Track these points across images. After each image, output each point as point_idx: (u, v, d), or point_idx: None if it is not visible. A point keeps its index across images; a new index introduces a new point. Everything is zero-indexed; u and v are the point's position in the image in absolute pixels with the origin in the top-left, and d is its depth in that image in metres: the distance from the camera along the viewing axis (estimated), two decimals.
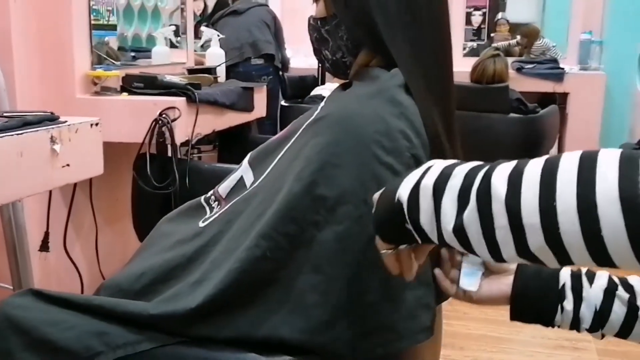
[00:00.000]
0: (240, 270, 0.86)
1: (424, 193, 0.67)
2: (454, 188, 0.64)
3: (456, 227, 0.63)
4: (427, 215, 0.67)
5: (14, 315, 0.91)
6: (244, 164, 1.04)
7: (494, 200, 0.60)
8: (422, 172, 0.69)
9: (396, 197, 0.70)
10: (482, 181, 0.61)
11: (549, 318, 0.83)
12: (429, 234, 0.67)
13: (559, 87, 4.29)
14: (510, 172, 0.60)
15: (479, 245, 0.62)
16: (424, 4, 0.93)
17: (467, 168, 0.65)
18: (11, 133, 1.20)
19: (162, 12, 2.38)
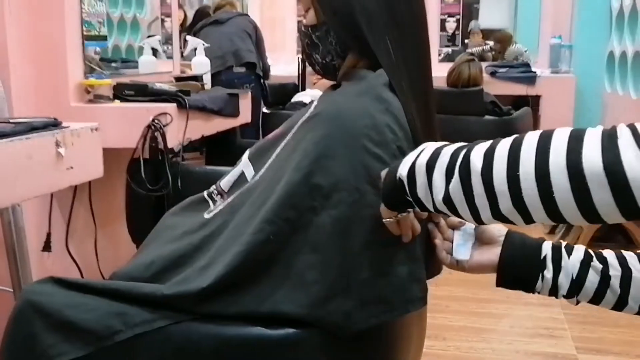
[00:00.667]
0: (246, 253, 0.95)
1: (419, 170, 0.82)
2: (442, 165, 0.79)
3: (445, 196, 0.78)
4: (422, 188, 0.82)
5: (37, 300, 0.99)
6: (243, 159, 1.13)
7: (472, 173, 0.74)
8: (417, 153, 0.84)
9: (397, 174, 0.85)
10: (464, 158, 0.76)
11: (531, 285, 0.94)
12: (425, 203, 0.83)
13: (531, 89, 4.45)
14: (485, 150, 0.74)
15: (463, 211, 0.77)
16: (404, 11, 1.04)
17: (453, 148, 0.80)
18: (20, 137, 1.28)
19: (140, 23, 2.45)
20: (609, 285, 0.92)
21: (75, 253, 2.08)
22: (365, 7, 1.02)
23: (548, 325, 2.55)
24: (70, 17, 1.98)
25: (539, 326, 2.55)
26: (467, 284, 2.82)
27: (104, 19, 2.19)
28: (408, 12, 1.05)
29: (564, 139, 0.67)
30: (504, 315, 2.67)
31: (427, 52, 1.09)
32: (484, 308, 2.73)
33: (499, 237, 0.98)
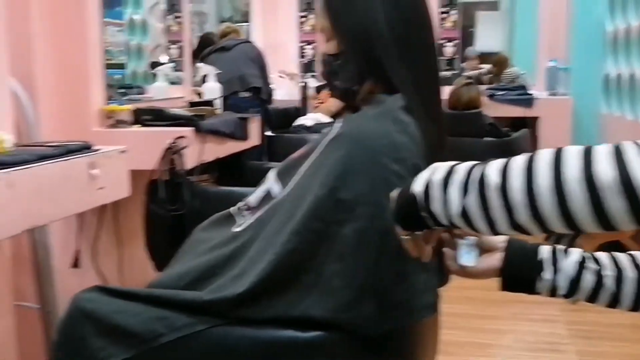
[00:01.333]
0: (277, 261, 1.04)
1: (434, 186, 0.88)
2: (457, 180, 0.85)
3: (461, 210, 0.84)
4: (438, 203, 0.87)
5: (85, 306, 1.08)
6: (270, 177, 1.23)
7: (489, 187, 0.80)
8: (431, 172, 0.90)
9: (410, 191, 0.91)
10: (479, 174, 0.82)
11: (532, 286, 1.02)
12: (440, 218, 0.88)
13: (529, 111, 4.57)
14: (500, 166, 0.81)
15: (479, 224, 0.83)
16: (418, 40, 1.15)
17: (467, 165, 0.86)
18: (60, 159, 1.37)
19: (144, 49, 2.56)
20: (603, 285, 1.01)
21: (102, 269, 2.17)
22: (382, 38, 1.12)
23: (552, 340, 2.63)
24: (93, 46, 2.09)
25: (543, 341, 2.63)
26: (472, 302, 2.90)
27: (124, 48, 2.30)
28: (421, 41, 1.15)
29: (577, 153, 0.75)
30: (508, 331, 2.75)
31: (437, 76, 1.20)
32: (489, 324, 2.81)
33: (500, 244, 1.07)
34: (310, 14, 5.59)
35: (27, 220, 1.27)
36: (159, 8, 2.88)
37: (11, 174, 1.20)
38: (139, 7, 2.44)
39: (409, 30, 1.13)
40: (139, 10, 2.43)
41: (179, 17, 3.54)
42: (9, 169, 1.20)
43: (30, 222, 1.28)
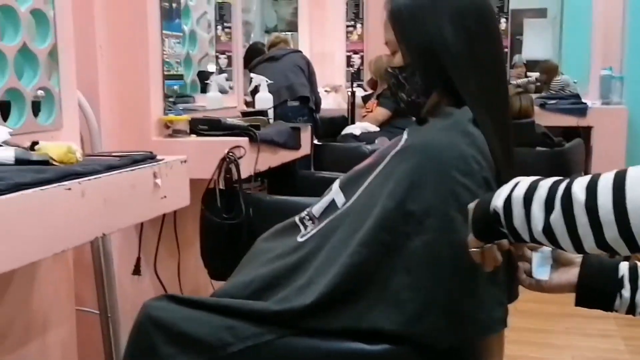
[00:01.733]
0: (345, 273, 1.05)
1: (515, 202, 0.88)
2: (540, 197, 0.85)
3: (545, 227, 0.84)
4: (519, 220, 0.87)
5: (155, 315, 1.11)
6: (334, 188, 1.24)
7: (575, 204, 0.80)
8: (512, 187, 0.90)
9: (491, 207, 0.91)
10: (564, 191, 0.82)
11: (609, 303, 1.00)
12: (522, 234, 0.88)
13: (582, 121, 4.48)
14: (587, 183, 0.80)
15: (563, 241, 0.83)
16: (485, 51, 1.14)
17: (550, 182, 0.86)
18: (126, 169, 1.41)
19: (193, 59, 2.59)
20: None
21: (161, 276, 2.21)
22: (450, 50, 1.12)
23: (610, 356, 2.57)
24: (153, 58, 2.13)
25: (601, 357, 2.57)
26: (526, 315, 2.85)
27: (182, 59, 2.34)
28: (488, 52, 1.15)
29: None
30: (565, 346, 2.70)
31: (505, 87, 1.19)
32: (544, 339, 2.75)
33: (576, 259, 1.05)
34: (357, 23, 5.60)
35: (97, 229, 1.30)
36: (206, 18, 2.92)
37: (83, 183, 1.23)
38: (188, 18, 2.48)
39: (476, 42, 1.13)
40: (187, 21, 2.48)
41: (227, 27, 3.60)
42: (81, 179, 1.23)
43: (100, 230, 1.31)
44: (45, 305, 1.69)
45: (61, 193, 1.17)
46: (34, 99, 1.58)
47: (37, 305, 1.66)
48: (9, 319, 1.57)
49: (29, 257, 1.12)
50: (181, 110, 2.39)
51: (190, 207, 1.86)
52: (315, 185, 3.05)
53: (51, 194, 1.15)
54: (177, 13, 2.28)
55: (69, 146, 1.33)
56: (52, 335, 1.72)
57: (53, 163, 1.28)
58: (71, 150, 1.32)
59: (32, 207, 1.10)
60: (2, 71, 1.47)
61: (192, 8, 2.54)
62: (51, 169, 1.22)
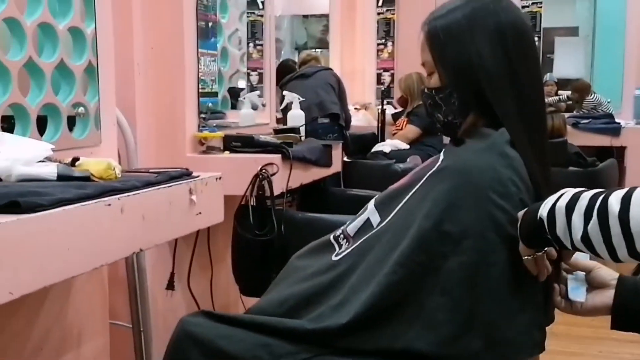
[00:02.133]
0: (381, 293, 1.05)
1: (559, 212, 0.93)
2: (581, 207, 0.90)
3: (583, 236, 0.89)
4: (561, 228, 0.93)
5: (192, 331, 1.12)
6: (369, 207, 1.24)
7: (610, 215, 0.85)
8: (557, 197, 0.95)
9: (538, 215, 0.96)
10: (602, 202, 0.87)
11: None
12: (564, 242, 0.93)
13: (615, 141, 4.43)
14: (622, 195, 0.85)
15: (600, 249, 0.88)
16: (523, 72, 1.14)
17: (591, 193, 0.91)
18: (164, 186, 1.43)
19: (224, 76, 2.63)
20: None
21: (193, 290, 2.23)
22: (488, 71, 1.12)
23: None
24: (190, 75, 2.17)
25: None
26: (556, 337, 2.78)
27: (216, 77, 2.38)
28: (526, 73, 1.15)
29: None
30: None
31: (543, 109, 1.19)
32: None
33: (611, 281, 1.05)
34: (388, 41, 5.62)
35: (135, 244, 1.32)
36: (237, 35, 2.97)
37: (122, 199, 1.26)
38: (220, 35, 2.52)
39: (514, 64, 1.13)
40: (220, 38, 2.52)
41: (259, 44, 3.64)
42: (121, 195, 1.26)
43: (138, 245, 1.33)
44: (80, 318, 1.71)
45: (101, 209, 1.20)
46: (73, 115, 1.62)
47: (72, 318, 1.69)
48: (45, 330, 1.60)
49: (69, 272, 1.15)
50: (214, 126, 2.42)
51: (222, 223, 1.88)
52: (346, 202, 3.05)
53: (92, 209, 1.17)
54: (212, 32, 2.32)
55: (108, 163, 1.36)
56: (86, 347, 1.74)
57: (93, 179, 1.31)
58: (111, 167, 1.35)
59: (73, 223, 1.12)
60: (40, 87, 1.51)
61: (224, 25, 2.58)
62: (92, 185, 1.25)
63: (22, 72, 1.46)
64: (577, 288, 1.04)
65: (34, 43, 1.49)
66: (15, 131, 1.46)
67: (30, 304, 1.54)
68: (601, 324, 1.06)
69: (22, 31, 1.45)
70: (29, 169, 1.22)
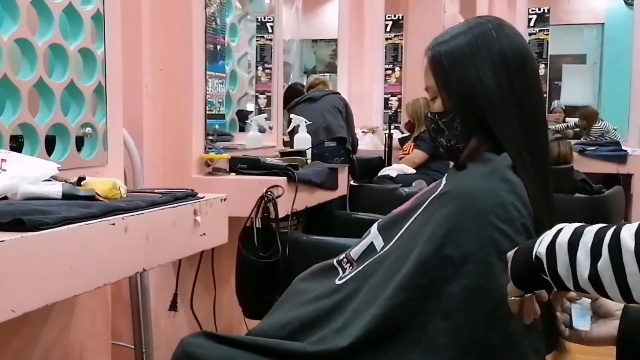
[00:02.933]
0: (383, 316, 1.05)
1: (560, 248, 0.85)
2: (586, 243, 0.82)
3: (591, 275, 0.81)
4: (563, 267, 0.85)
5: (193, 352, 1.12)
6: (373, 231, 1.24)
7: (624, 252, 0.78)
8: (555, 232, 0.88)
9: (534, 253, 0.89)
10: (612, 237, 0.80)
11: None
12: (565, 282, 0.86)
13: (622, 168, 4.42)
14: (635, 230, 0.78)
15: (612, 289, 0.80)
16: (526, 99, 1.15)
17: (596, 228, 0.83)
18: (168, 206, 1.44)
19: (232, 98, 2.65)
20: None
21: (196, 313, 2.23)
22: (491, 97, 1.13)
23: None
24: (197, 98, 2.20)
25: None
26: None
27: (223, 99, 2.40)
28: (529, 100, 1.16)
29: None
30: None
31: (545, 134, 1.19)
32: None
33: (617, 311, 1.03)
34: (396, 66, 5.66)
35: (139, 264, 1.33)
36: (247, 59, 3.00)
37: (126, 219, 1.27)
38: (229, 58, 2.55)
39: (516, 91, 1.14)
40: (229, 61, 2.55)
41: (268, 68, 3.67)
42: (125, 215, 1.27)
43: (141, 265, 1.34)
44: (82, 338, 1.71)
45: (105, 228, 1.20)
46: (81, 135, 1.64)
47: (74, 337, 1.69)
48: (46, 349, 1.60)
49: (71, 291, 1.15)
50: (221, 148, 2.44)
51: (227, 245, 1.89)
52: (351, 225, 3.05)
53: (96, 228, 1.18)
54: (221, 55, 2.35)
55: (114, 182, 1.37)
56: None
57: (98, 198, 1.32)
58: (116, 187, 1.36)
59: (77, 241, 1.13)
60: (49, 107, 1.53)
61: (233, 49, 2.61)
62: (96, 204, 1.26)
63: (32, 92, 1.48)
64: (582, 317, 1.03)
65: (44, 64, 1.52)
66: (24, 151, 1.48)
67: (33, 322, 1.54)
68: (607, 351, 1.04)
69: (33, 52, 1.47)
70: (35, 187, 1.23)
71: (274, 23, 3.45)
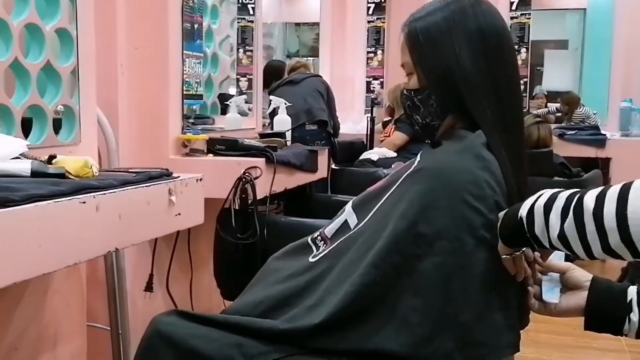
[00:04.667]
0: (355, 293, 1.04)
1: (537, 211, 0.95)
2: (558, 206, 0.91)
3: (560, 234, 0.90)
4: (539, 227, 0.94)
5: (164, 330, 1.11)
6: (347, 209, 1.24)
7: (585, 212, 0.86)
8: (536, 197, 0.97)
9: (519, 215, 0.97)
10: (577, 200, 0.88)
11: (618, 327, 0.99)
12: (542, 240, 0.95)
13: (601, 152, 4.47)
14: (597, 193, 0.86)
15: (575, 246, 0.89)
16: (501, 77, 1.14)
17: (568, 193, 0.92)
18: (142, 185, 1.42)
19: (214, 81, 2.61)
20: None
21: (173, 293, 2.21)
22: (465, 73, 1.12)
23: None
24: (173, 77, 2.16)
25: None
26: (538, 346, 2.81)
27: (201, 80, 2.37)
28: (505, 78, 1.15)
29: None
30: None
31: (520, 114, 1.19)
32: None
33: (585, 283, 1.05)
34: (378, 49, 5.64)
35: (110, 243, 1.31)
36: (228, 42, 2.97)
37: (98, 197, 1.24)
38: (210, 41, 2.52)
39: (492, 68, 1.13)
40: (210, 43, 2.51)
41: (249, 50, 3.64)
42: (96, 193, 1.25)
43: (113, 244, 1.32)
44: (57, 320, 1.69)
45: (76, 206, 1.18)
46: (59, 117, 1.61)
47: (48, 319, 1.67)
48: (20, 331, 1.58)
49: (41, 269, 1.13)
50: (200, 130, 2.41)
51: (205, 227, 1.88)
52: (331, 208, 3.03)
53: (66, 206, 1.16)
54: (198, 34, 2.31)
55: (85, 160, 1.35)
56: (62, 349, 1.72)
57: (69, 177, 1.29)
58: (87, 165, 1.34)
59: (46, 219, 1.11)
60: (25, 88, 1.50)
61: (215, 31, 2.57)
62: (67, 182, 1.24)
63: (7, 73, 1.45)
64: (551, 289, 1.05)
65: (20, 44, 1.48)
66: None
67: (5, 304, 1.52)
68: (582, 332, 1.06)
69: (8, 32, 1.43)
70: (2, 164, 1.21)
71: (255, 4, 3.42)
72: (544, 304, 1.07)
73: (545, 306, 1.06)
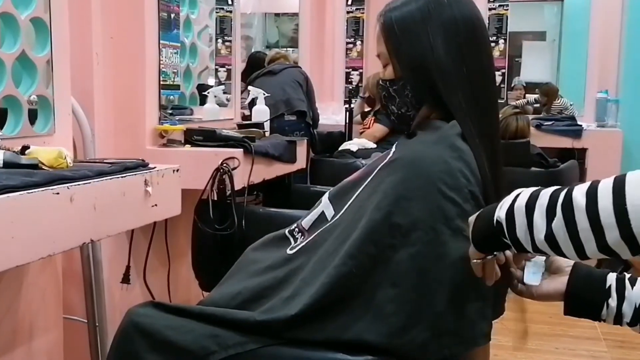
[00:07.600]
0: (331, 284, 1.05)
1: (518, 212, 0.88)
2: (542, 205, 0.85)
3: (547, 235, 0.84)
4: (522, 229, 0.88)
5: (139, 321, 1.10)
6: (324, 200, 1.24)
7: (576, 210, 0.80)
8: (514, 198, 0.90)
9: (495, 218, 0.91)
10: (565, 197, 0.83)
11: (597, 312, 1.00)
12: (524, 244, 0.88)
13: (577, 143, 4.51)
14: (586, 189, 0.81)
15: (566, 247, 0.83)
16: (476, 68, 1.15)
17: (551, 190, 0.86)
18: (117, 176, 1.41)
19: (193, 72, 2.59)
20: None
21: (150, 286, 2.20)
22: (440, 65, 1.13)
23: None
24: (150, 67, 2.14)
25: None
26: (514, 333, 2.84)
27: (178, 70, 2.35)
28: (479, 69, 1.16)
29: None
30: None
31: (495, 104, 1.19)
32: (532, 359, 2.74)
33: (567, 268, 1.05)
34: (357, 40, 5.63)
35: (85, 234, 1.29)
36: (207, 32, 2.94)
37: (72, 188, 1.23)
38: (189, 31, 2.49)
39: (467, 57, 1.14)
40: (189, 34, 2.49)
41: (228, 40, 3.61)
42: (70, 184, 1.23)
43: (88, 236, 1.31)
44: (32, 312, 1.68)
45: (49, 197, 1.17)
46: (34, 108, 1.58)
47: (23, 312, 1.65)
48: None
49: (14, 261, 1.12)
50: (177, 120, 2.39)
51: (182, 218, 1.86)
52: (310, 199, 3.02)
53: (39, 198, 1.14)
54: (175, 24, 2.29)
55: (59, 151, 1.33)
56: (38, 342, 1.70)
57: (43, 167, 1.28)
58: (61, 155, 1.32)
59: (18, 210, 1.10)
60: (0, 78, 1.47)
61: (193, 21, 2.55)
62: (40, 173, 1.22)
63: None
64: (534, 273, 1.05)
65: None
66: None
67: None
68: (558, 321, 1.06)
69: None
70: None
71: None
72: (526, 287, 1.05)
73: (527, 289, 1.05)
